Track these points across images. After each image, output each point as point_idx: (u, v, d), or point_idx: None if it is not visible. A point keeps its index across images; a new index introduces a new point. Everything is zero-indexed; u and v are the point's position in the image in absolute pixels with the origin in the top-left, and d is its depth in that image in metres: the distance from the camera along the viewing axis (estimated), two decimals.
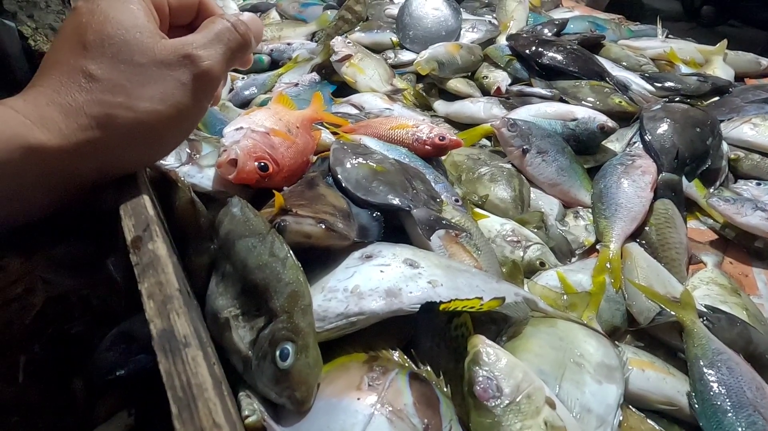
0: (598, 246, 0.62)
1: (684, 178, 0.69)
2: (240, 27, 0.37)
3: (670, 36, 1.08)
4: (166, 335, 0.25)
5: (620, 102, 0.81)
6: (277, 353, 0.35)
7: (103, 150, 0.32)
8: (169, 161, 0.51)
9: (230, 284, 0.40)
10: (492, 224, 0.61)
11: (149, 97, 0.32)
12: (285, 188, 0.52)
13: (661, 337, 0.51)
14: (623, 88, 0.87)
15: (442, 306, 0.38)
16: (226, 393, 0.28)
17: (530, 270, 0.58)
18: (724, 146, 0.74)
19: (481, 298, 0.39)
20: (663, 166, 0.69)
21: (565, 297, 0.53)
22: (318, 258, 0.45)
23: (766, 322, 0.54)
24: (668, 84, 0.88)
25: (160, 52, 0.33)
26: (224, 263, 0.42)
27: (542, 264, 0.58)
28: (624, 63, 0.96)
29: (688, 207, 0.69)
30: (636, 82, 0.89)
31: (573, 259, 0.62)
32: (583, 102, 0.82)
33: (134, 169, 0.36)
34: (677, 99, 0.82)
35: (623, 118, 0.80)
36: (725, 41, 0.99)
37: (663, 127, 0.72)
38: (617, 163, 0.69)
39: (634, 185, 0.65)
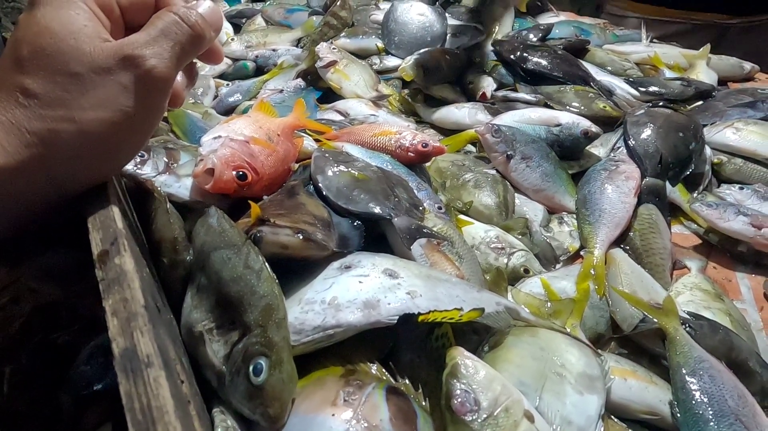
0: (582, 253, 0.62)
1: (668, 183, 0.69)
2: (189, 18, 0.34)
3: (654, 40, 1.09)
4: (128, 354, 0.24)
5: (605, 107, 0.82)
6: (251, 368, 0.34)
7: (53, 165, 0.31)
8: (146, 170, 0.50)
9: (205, 297, 0.39)
10: (476, 231, 0.61)
11: (91, 106, 0.31)
12: (264, 197, 0.51)
13: (644, 344, 0.50)
14: (608, 92, 0.87)
15: (420, 318, 0.38)
16: (194, 412, 0.27)
17: (514, 277, 0.57)
18: (707, 151, 0.74)
19: (460, 309, 0.39)
20: (647, 171, 0.69)
21: (549, 304, 0.52)
22: (297, 268, 0.44)
23: (749, 328, 0.54)
24: (652, 88, 0.88)
25: (97, 57, 0.31)
26: (199, 275, 0.41)
27: (526, 271, 0.57)
28: (609, 68, 0.96)
29: (672, 212, 0.69)
30: (620, 87, 0.89)
31: (557, 266, 0.62)
32: (567, 107, 0.82)
33: (94, 182, 0.35)
34: (661, 104, 0.82)
35: (608, 123, 0.80)
36: (708, 45, 1.00)
37: (646, 132, 0.72)
38: (601, 168, 0.69)
39: (617, 191, 0.65)
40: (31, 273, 0.45)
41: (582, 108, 0.81)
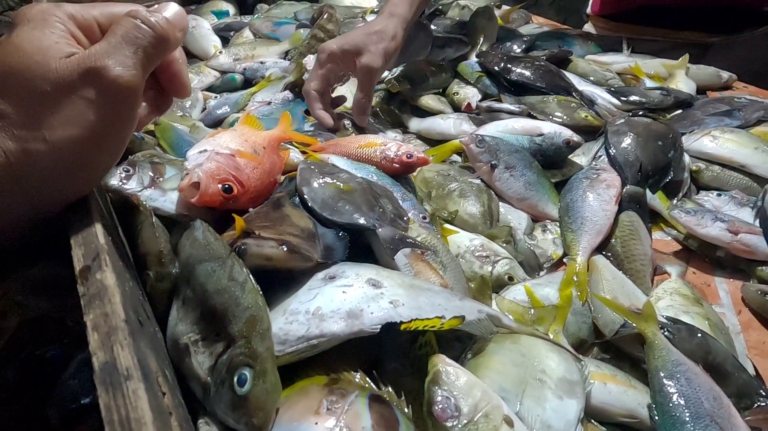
0: (565, 260, 0.63)
1: (648, 191, 0.71)
2: (150, 20, 0.33)
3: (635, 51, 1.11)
4: (108, 368, 0.24)
5: (586, 116, 0.83)
6: (235, 379, 0.34)
7: (28, 184, 0.31)
8: (131, 185, 0.50)
9: (190, 309, 0.40)
10: (461, 240, 0.62)
11: (60, 125, 0.31)
12: (250, 209, 0.52)
13: (625, 349, 0.51)
14: (590, 102, 0.89)
15: (403, 326, 0.38)
16: (176, 423, 0.28)
17: (499, 284, 0.58)
18: (686, 158, 0.76)
19: (442, 317, 0.39)
20: (627, 179, 0.70)
21: (532, 311, 0.53)
22: (282, 279, 0.45)
23: (728, 331, 0.55)
24: (633, 98, 0.90)
25: (62, 72, 0.31)
26: (185, 288, 0.41)
27: (511, 278, 0.58)
28: (591, 78, 0.98)
29: (653, 218, 0.71)
30: (602, 97, 0.91)
31: (541, 273, 0.63)
32: (551, 117, 0.83)
33: (72, 198, 0.35)
34: (641, 113, 0.84)
35: (589, 132, 0.82)
36: (687, 56, 1.02)
37: (626, 141, 0.74)
38: (583, 176, 0.70)
39: (599, 198, 0.67)
40: (19, 288, 0.45)
41: (565, 117, 0.83)
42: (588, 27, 1.28)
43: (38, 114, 0.31)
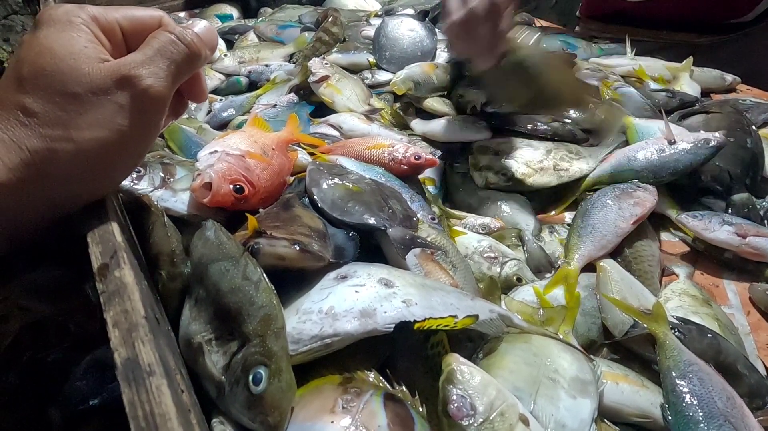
0: (559, 262, 0.62)
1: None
2: (186, 37, 0.35)
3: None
4: (130, 364, 0.24)
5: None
6: (250, 378, 0.34)
7: (50, 183, 0.32)
8: (143, 186, 0.51)
9: (203, 309, 0.40)
10: (469, 241, 0.62)
11: (88, 126, 0.31)
12: (261, 210, 0.52)
13: (635, 350, 0.51)
14: None
15: (416, 326, 0.39)
16: (195, 421, 0.28)
17: (507, 285, 0.58)
18: None
19: (455, 316, 0.39)
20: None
21: (541, 311, 0.53)
22: (293, 279, 0.45)
23: (737, 332, 0.55)
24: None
25: (95, 77, 0.32)
26: (198, 287, 0.41)
27: (519, 279, 0.58)
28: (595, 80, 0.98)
29: (660, 220, 0.70)
30: None
31: (549, 274, 0.63)
32: (564, 117, 0.83)
33: (90, 200, 0.36)
34: None
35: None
36: (691, 58, 1.03)
37: None
38: (617, 186, 0.68)
39: (618, 212, 0.64)
40: (21, 291, 0.45)
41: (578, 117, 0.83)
42: (578, 29, 1.28)
43: (67, 114, 0.31)
